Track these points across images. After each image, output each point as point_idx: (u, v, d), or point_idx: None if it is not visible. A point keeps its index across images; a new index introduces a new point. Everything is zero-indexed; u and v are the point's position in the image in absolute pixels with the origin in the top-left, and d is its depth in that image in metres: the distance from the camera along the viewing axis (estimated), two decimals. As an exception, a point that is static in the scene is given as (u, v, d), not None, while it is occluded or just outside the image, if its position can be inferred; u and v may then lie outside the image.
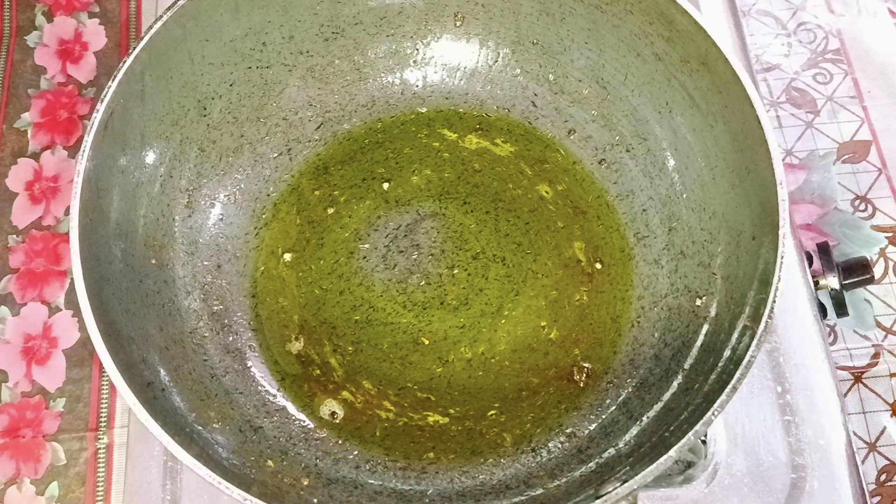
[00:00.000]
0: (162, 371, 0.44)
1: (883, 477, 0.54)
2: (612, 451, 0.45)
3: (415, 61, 0.56)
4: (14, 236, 0.60)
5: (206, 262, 0.51)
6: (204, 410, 0.44)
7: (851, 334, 0.58)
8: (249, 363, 0.49)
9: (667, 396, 0.45)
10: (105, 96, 0.44)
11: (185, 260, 0.50)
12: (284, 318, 0.51)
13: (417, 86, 0.57)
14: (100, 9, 0.67)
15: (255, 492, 0.37)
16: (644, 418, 0.45)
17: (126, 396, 0.38)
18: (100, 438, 0.54)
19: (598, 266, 0.52)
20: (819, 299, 0.51)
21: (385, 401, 0.49)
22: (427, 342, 0.50)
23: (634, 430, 0.45)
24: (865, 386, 0.57)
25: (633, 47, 0.50)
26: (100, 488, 0.53)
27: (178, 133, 0.50)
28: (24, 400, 0.55)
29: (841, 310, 0.53)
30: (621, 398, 0.48)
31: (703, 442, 0.47)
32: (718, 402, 0.37)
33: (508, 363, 0.50)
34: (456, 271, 0.52)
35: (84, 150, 0.43)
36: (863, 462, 0.54)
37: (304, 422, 0.48)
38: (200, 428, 0.43)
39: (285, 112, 0.55)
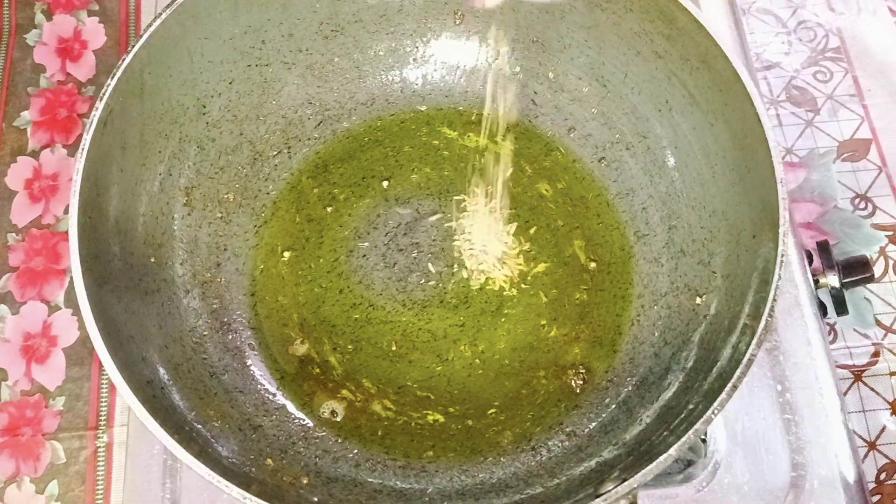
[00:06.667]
0: (161, 369, 0.44)
1: (883, 476, 0.54)
2: (611, 449, 0.45)
3: (414, 59, 0.56)
4: (13, 235, 0.60)
5: (205, 261, 0.51)
6: (203, 409, 0.44)
7: (851, 333, 0.58)
8: (249, 361, 0.49)
9: (667, 395, 0.45)
10: (104, 94, 0.44)
11: (185, 258, 0.50)
12: (284, 317, 0.51)
13: (417, 84, 0.56)
14: (99, 7, 0.67)
15: (255, 490, 0.37)
16: (644, 417, 0.45)
17: (125, 395, 0.38)
18: (99, 437, 0.54)
19: (598, 264, 0.52)
20: (819, 298, 0.51)
21: (384, 399, 0.49)
22: (421, 343, 0.50)
23: (634, 429, 0.45)
24: (865, 384, 0.57)
25: (633, 45, 0.50)
26: (99, 487, 0.53)
27: (178, 131, 0.50)
28: (23, 398, 0.55)
29: (841, 308, 0.53)
30: (621, 397, 0.48)
31: (703, 440, 0.47)
32: (718, 400, 0.37)
33: (508, 362, 0.50)
34: (456, 269, 0.52)
35: (83, 149, 0.42)
36: (863, 461, 0.54)
37: (303, 420, 0.48)
38: (200, 426, 0.43)
39: (285, 110, 0.55)
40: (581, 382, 0.49)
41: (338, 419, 0.48)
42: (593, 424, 0.47)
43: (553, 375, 0.49)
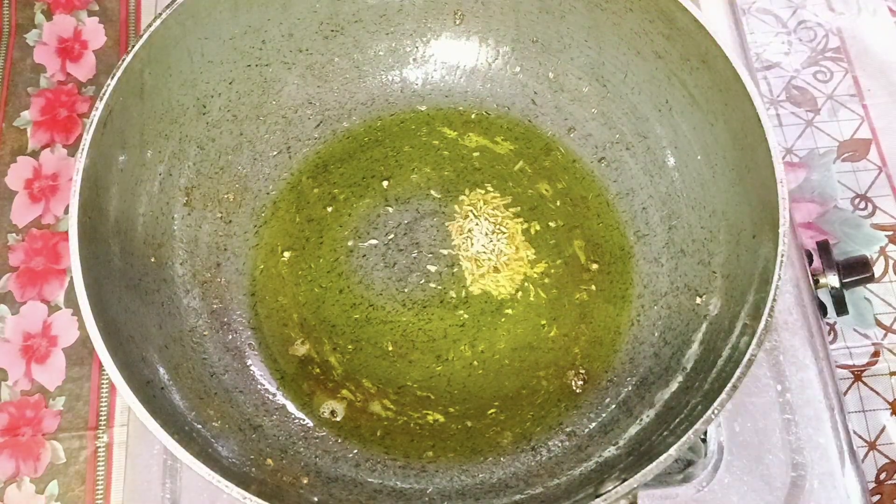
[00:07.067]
0: (161, 369, 0.44)
1: (883, 475, 0.54)
2: (611, 449, 0.45)
3: (414, 59, 0.56)
4: (14, 235, 0.60)
5: (205, 261, 0.51)
6: (203, 409, 0.44)
7: (851, 333, 0.58)
8: (249, 361, 0.49)
9: (667, 395, 0.45)
10: (104, 94, 0.44)
11: (185, 258, 0.50)
12: (284, 317, 0.51)
13: (417, 84, 0.56)
14: (99, 7, 0.67)
15: (255, 490, 0.37)
16: (644, 417, 0.45)
17: (125, 395, 0.38)
18: (99, 437, 0.54)
19: (598, 264, 0.52)
20: (819, 298, 0.51)
21: (384, 399, 0.49)
22: (421, 343, 0.50)
23: (634, 429, 0.45)
24: (865, 384, 0.57)
25: (633, 45, 0.50)
26: (99, 487, 0.53)
27: (178, 131, 0.50)
28: (23, 398, 0.55)
29: (841, 308, 0.53)
30: (621, 397, 0.48)
31: (703, 440, 0.47)
32: (718, 400, 0.37)
33: (508, 362, 0.50)
34: (456, 269, 0.52)
35: (83, 149, 0.43)
36: (863, 461, 0.54)
37: (303, 420, 0.48)
38: (200, 426, 0.43)
39: (285, 110, 0.55)
40: (581, 382, 0.49)
41: (338, 419, 0.48)
42: (593, 424, 0.47)
43: (553, 375, 0.49)
